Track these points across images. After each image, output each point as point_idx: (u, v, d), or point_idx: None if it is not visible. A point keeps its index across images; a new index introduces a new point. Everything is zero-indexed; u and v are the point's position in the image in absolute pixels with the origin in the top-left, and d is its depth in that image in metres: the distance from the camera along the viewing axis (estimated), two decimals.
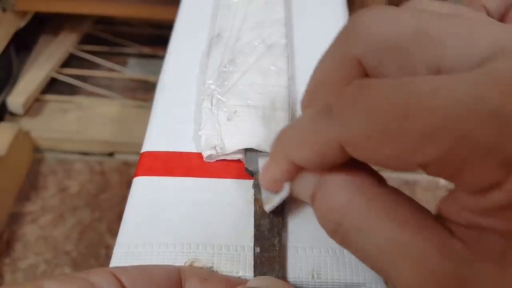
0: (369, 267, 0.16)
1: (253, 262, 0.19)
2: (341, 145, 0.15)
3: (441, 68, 0.15)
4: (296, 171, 0.17)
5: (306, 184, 0.17)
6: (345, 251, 0.20)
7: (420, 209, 0.15)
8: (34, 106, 0.62)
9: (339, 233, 0.16)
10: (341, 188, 0.16)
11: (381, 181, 0.16)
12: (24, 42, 0.67)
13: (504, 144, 0.12)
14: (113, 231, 0.52)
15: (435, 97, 0.13)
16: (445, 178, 0.14)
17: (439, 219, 0.15)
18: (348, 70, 0.17)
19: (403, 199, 0.15)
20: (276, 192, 0.18)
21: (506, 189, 0.12)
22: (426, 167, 0.13)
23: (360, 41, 0.17)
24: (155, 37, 0.73)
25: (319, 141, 0.15)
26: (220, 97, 0.25)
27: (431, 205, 0.16)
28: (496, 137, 0.12)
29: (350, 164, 0.16)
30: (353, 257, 0.20)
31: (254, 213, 0.21)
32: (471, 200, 0.13)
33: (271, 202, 0.19)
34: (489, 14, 0.25)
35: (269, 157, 0.18)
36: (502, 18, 0.26)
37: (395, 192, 0.16)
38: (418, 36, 0.15)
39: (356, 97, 0.14)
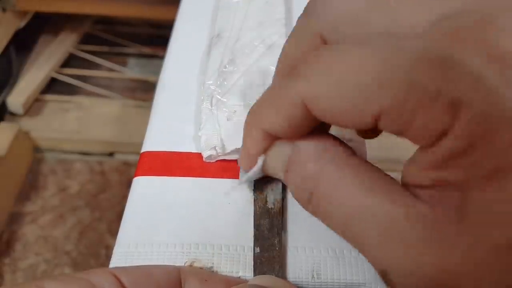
0: (340, 235, 0.16)
1: (253, 262, 0.19)
2: (304, 104, 0.15)
3: (395, 32, 0.16)
4: (269, 142, 0.18)
5: (279, 157, 0.18)
6: (345, 251, 0.20)
7: (387, 178, 0.16)
8: (34, 106, 0.62)
9: (311, 202, 0.17)
10: (314, 157, 0.17)
11: (351, 151, 0.17)
12: (24, 42, 0.67)
13: (448, 88, 0.13)
14: (113, 231, 0.52)
15: (386, 50, 0.14)
16: (399, 133, 0.14)
17: (405, 186, 0.15)
18: (311, 44, 0.18)
19: (371, 168, 0.16)
20: (251, 168, 0.19)
21: (454, 134, 0.13)
22: (379, 119, 0.14)
23: (319, 16, 0.18)
24: (155, 37, 0.73)
25: (284, 101, 0.16)
26: (220, 97, 0.25)
27: None
28: (441, 81, 0.13)
29: (322, 136, 0.17)
30: (353, 257, 0.20)
31: (254, 213, 0.21)
32: (426, 156, 0.14)
33: (245, 177, 0.20)
34: None
35: (243, 132, 0.19)
36: None
37: (364, 162, 0.16)
38: (373, 5, 0.16)
39: (317, 57, 0.15)
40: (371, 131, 0.21)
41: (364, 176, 0.16)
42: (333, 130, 0.20)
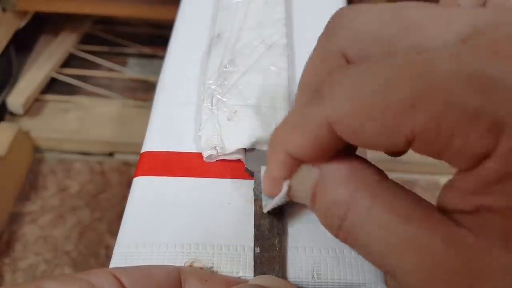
0: (374, 264, 0.16)
1: (253, 262, 0.19)
2: (331, 126, 0.15)
3: (422, 49, 0.15)
4: (294, 166, 0.17)
5: (305, 181, 0.17)
6: (345, 251, 0.20)
7: (422, 202, 0.15)
8: (34, 106, 0.62)
9: (342, 229, 0.16)
10: (343, 183, 0.16)
11: (382, 175, 0.16)
12: (24, 42, 0.67)
13: (490, 107, 0.12)
14: (113, 231, 0.52)
15: (417, 67, 0.13)
16: (435, 155, 0.13)
17: (441, 211, 0.15)
18: (334, 64, 0.17)
19: (405, 193, 0.15)
20: (275, 194, 0.18)
21: (496, 157, 0.12)
22: (413, 141, 0.13)
23: (343, 35, 0.17)
24: (155, 37, 0.73)
25: (309, 124, 0.15)
26: (220, 97, 0.25)
27: None
28: (481, 101, 0.12)
29: (351, 159, 0.16)
30: (353, 257, 0.20)
31: (254, 213, 0.21)
32: (467, 181, 0.13)
33: (269, 203, 0.19)
34: None
35: (267, 156, 0.18)
36: None
37: (397, 186, 0.16)
38: (398, 23, 0.16)
39: (341, 77, 0.14)
40: (402, 151, 0.20)
41: (399, 202, 0.15)
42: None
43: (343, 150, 0.16)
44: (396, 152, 0.19)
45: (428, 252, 0.14)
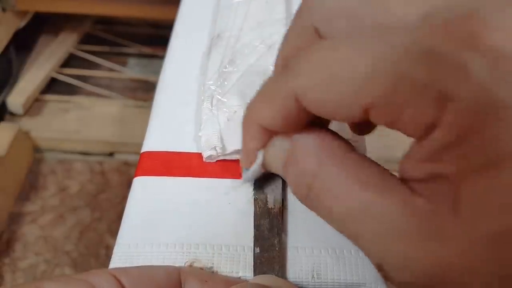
0: (338, 230, 0.16)
1: (253, 262, 0.19)
2: (297, 98, 0.16)
3: (386, 25, 0.16)
4: (267, 137, 0.18)
5: (277, 151, 0.18)
6: (345, 251, 0.20)
7: (385, 172, 0.16)
8: (34, 106, 0.62)
9: (310, 197, 0.17)
10: (312, 152, 0.17)
11: (349, 147, 0.17)
12: (24, 42, 0.67)
13: (436, 80, 0.13)
14: (113, 231, 0.52)
15: (375, 43, 0.14)
16: (389, 125, 0.14)
17: (402, 181, 0.15)
18: (306, 39, 0.19)
19: (370, 164, 0.16)
20: (251, 163, 0.19)
21: (442, 127, 0.13)
22: (370, 111, 0.14)
23: (314, 11, 0.18)
24: (155, 37, 0.73)
25: (278, 96, 0.16)
26: (220, 97, 0.25)
27: None
28: (428, 74, 0.13)
29: (321, 131, 0.17)
30: (353, 257, 0.20)
31: (254, 213, 0.21)
32: (419, 149, 0.14)
33: (246, 175, 0.20)
34: None
35: (242, 129, 0.19)
36: None
37: (364, 157, 0.16)
38: (365, 2, 0.17)
39: (308, 51, 0.15)
40: (365, 126, 0.21)
41: (362, 171, 0.16)
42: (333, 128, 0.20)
43: (316, 124, 0.17)
44: (359, 126, 0.21)
45: (384, 218, 0.14)
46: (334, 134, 0.17)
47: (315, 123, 0.17)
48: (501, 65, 0.13)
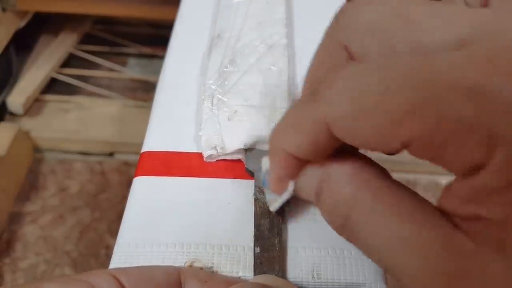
0: (376, 262, 0.16)
1: (253, 262, 0.19)
2: (327, 126, 0.15)
3: (420, 48, 0.15)
4: (298, 166, 0.17)
5: (310, 180, 0.17)
6: (345, 251, 0.20)
7: (424, 203, 0.15)
8: (34, 106, 0.62)
9: (346, 228, 0.16)
10: (346, 182, 0.16)
11: (385, 174, 0.16)
12: (24, 42, 0.67)
13: (484, 121, 0.12)
14: (113, 231, 0.52)
15: (417, 74, 0.13)
16: (430, 159, 0.14)
17: (442, 212, 0.15)
18: (336, 56, 0.18)
19: (407, 193, 0.15)
20: (281, 192, 0.18)
21: (491, 169, 0.12)
22: (409, 146, 0.13)
23: (345, 28, 0.17)
24: (155, 37, 0.73)
25: (307, 124, 0.15)
26: (220, 97, 0.25)
27: None
28: (475, 113, 0.12)
29: (354, 159, 0.16)
30: (353, 257, 0.20)
31: (254, 213, 0.21)
32: (463, 188, 0.13)
33: (276, 202, 0.19)
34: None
35: (268, 155, 0.18)
36: None
37: (400, 185, 0.16)
38: (398, 19, 0.16)
39: (339, 77, 0.14)
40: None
41: (400, 202, 0.15)
42: None
43: (348, 150, 0.16)
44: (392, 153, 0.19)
45: (425, 253, 0.14)
46: (369, 160, 0.17)
47: (347, 148, 0.16)
48: None
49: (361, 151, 0.18)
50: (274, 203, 0.19)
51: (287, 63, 0.28)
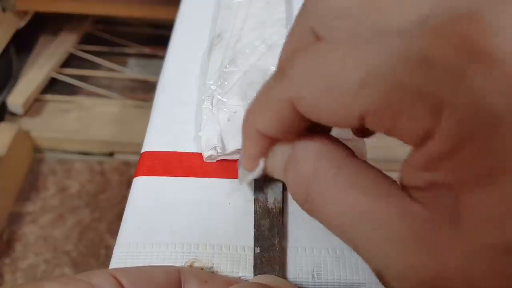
0: (336, 235, 0.16)
1: (253, 262, 0.19)
2: (292, 104, 0.15)
3: (382, 30, 0.16)
4: (268, 144, 0.18)
5: (278, 157, 0.18)
6: (345, 251, 0.20)
7: (384, 178, 0.15)
8: (34, 106, 0.62)
9: (307, 202, 0.16)
10: (310, 156, 0.16)
11: (348, 152, 0.17)
12: (24, 42, 0.67)
13: (431, 89, 0.13)
14: (113, 231, 0.52)
15: (371, 50, 0.14)
16: (385, 132, 0.14)
17: (401, 186, 0.15)
18: (304, 39, 0.18)
19: (368, 169, 0.16)
20: (253, 169, 0.19)
21: (438, 134, 0.13)
22: (365, 119, 0.14)
23: (313, 13, 0.18)
24: (155, 37, 0.73)
25: (273, 102, 0.16)
26: (220, 97, 0.25)
27: None
28: (423, 82, 0.13)
29: (321, 137, 0.17)
30: (353, 257, 0.20)
31: (254, 213, 0.21)
32: (417, 157, 0.14)
33: (245, 178, 0.20)
34: None
35: (242, 135, 0.19)
36: None
37: (362, 162, 0.16)
38: (365, 5, 0.16)
39: (302, 56, 0.15)
40: (365, 130, 0.20)
41: (360, 176, 0.15)
42: (334, 130, 0.20)
43: (317, 129, 0.17)
44: (359, 130, 0.20)
45: (383, 225, 0.14)
46: (334, 139, 0.17)
47: (316, 129, 0.17)
48: (497, 72, 0.12)
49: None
50: (244, 178, 0.20)
51: None
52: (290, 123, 0.16)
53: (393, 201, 0.14)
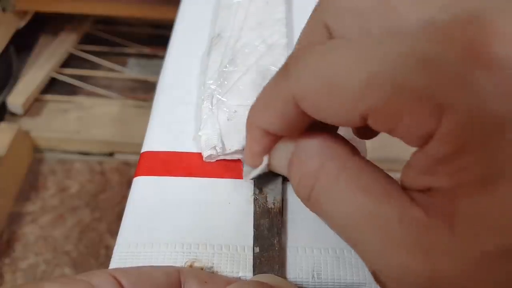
0: (336, 233, 0.16)
1: (253, 262, 0.19)
2: (296, 102, 0.15)
3: (392, 30, 0.16)
4: (272, 141, 0.18)
5: (282, 154, 0.18)
6: (345, 251, 0.20)
7: (387, 179, 0.15)
8: (34, 106, 0.62)
9: (311, 199, 0.16)
10: (314, 154, 0.17)
11: (353, 150, 0.17)
12: (24, 42, 0.67)
13: (433, 90, 0.13)
14: (113, 231, 0.52)
15: (377, 50, 0.14)
16: (388, 131, 0.14)
17: (404, 189, 0.15)
18: (317, 35, 0.18)
19: (372, 169, 0.16)
20: (256, 166, 0.19)
21: (438, 137, 0.13)
22: (367, 118, 0.14)
23: (328, 9, 0.18)
24: (155, 37, 0.73)
25: (277, 99, 0.16)
26: (220, 97, 0.25)
27: None
28: (426, 83, 0.13)
29: (325, 135, 0.17)
30: (353, 257, 0.20)
31: (254, 213, 0.21)
32: (418, 160, 0.14)
33: (249, 174, 0.20)
34: None
35: (246, 132, 0.19)
36: None
37: (366, 162, 0.16)
38: (379, 4, 0.16)
39: (307, 54, 0.15)
40: (367, 131, 0.20)
41: (363, 176, 0.15)
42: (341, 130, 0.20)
43: (321, 127, 0.17)
44: (362, 131, 0.20)
45: (382, 226, 0.14)
46: (339, 137, 0.17)
47: (320, 126, 0.17)
48: (500, 77, 0.12)
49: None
50: (249, 174, 0.20)
51: None
52: (294, 121, 0.16)
53: (393, 203, 0.14)
